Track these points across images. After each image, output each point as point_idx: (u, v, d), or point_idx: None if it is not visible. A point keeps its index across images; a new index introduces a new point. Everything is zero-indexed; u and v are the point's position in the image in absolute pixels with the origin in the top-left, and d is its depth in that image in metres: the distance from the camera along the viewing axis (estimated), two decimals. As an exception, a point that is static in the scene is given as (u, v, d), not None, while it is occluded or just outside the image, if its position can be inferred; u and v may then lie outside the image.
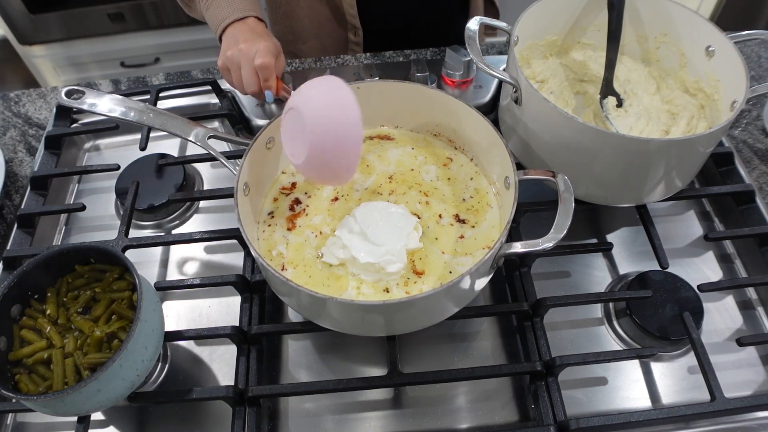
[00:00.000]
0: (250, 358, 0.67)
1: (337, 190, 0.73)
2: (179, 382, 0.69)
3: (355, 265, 0.64)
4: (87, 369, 0.58)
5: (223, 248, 0.80)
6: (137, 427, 0.67)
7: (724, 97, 0.72)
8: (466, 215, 0.69)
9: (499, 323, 0.72)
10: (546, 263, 0.75)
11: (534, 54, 0.83)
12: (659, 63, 0.82)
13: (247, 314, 0.70)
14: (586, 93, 0.80)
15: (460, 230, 0.68)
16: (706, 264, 0.77)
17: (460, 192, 0.72)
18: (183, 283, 0.72)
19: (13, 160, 0.91)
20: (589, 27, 0.83)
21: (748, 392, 0.66)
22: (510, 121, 0.76)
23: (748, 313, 0.73)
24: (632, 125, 0.75)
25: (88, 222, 0.85)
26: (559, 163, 0.70)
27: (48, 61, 1.91)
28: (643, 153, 0.65)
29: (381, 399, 0.67)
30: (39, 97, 0.99)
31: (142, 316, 0.57)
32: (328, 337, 0.71)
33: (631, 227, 0.80)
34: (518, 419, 0.65)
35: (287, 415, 0.66)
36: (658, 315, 0.69)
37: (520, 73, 0.69)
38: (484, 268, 0.58)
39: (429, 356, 0.69)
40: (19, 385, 0.58)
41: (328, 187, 0.73)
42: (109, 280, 0.64)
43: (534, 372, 0.64)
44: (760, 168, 0.84)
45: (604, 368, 0.68)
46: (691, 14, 0.75)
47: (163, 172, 0.85)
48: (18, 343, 0.61)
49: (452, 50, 0.87)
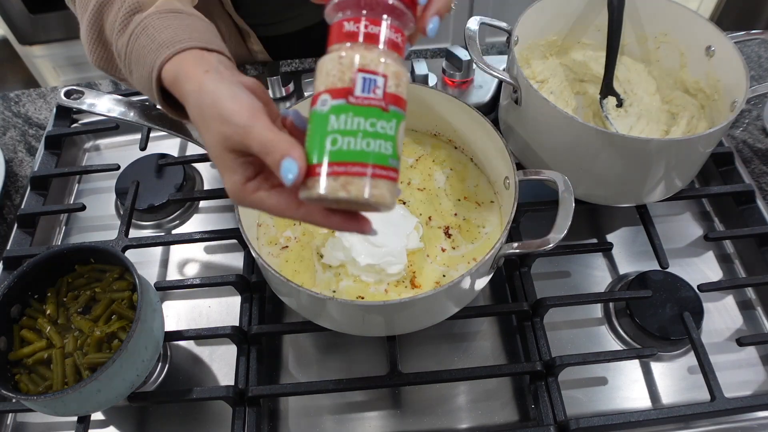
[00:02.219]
0: (250, 358, 0.67)
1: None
2: (179, 382, 0.69)
3: (355, 267, 0.64)
4: (87, 369, 0.58)
5: (223, 248, 0.80)
6: (137, 427, 0.67)
7: (724, 97, 0.72)
8: (463, 215, 0.69)
9: (499, 323, 0.72)
10: (546, 263, 0.75)
11: (534, 54, 0.83)
12: (659, 63, 0.82)
13: (247, 314, 0.70)
14: (586, 93, 0.80)
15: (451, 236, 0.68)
16: (706, 264, 0.77)
17: (460, 192, 0.72)
18: (183, 283, 0.72)
19: (13, 160, 0.91)
20: (589, 27, 0.83)
21: (748, 392, 0.66)
22: (510, 121, 0.76)
23: (747, 313, 0.73)
24: (632, 125, 0.75)
25: (88, 222, 0.85)
26: (559, 163, 0.70)
27: (48, 61, 1.91)
28: (643, 153, 0.65)
29: (381, 399, 0.67)
30: (39, 97, 0.99)
31: (142, 316, 0.57)
32: (328, 337, 0.71)
33: (631, 227, 0.80)
34: (518, 419, 0.65)
35: (287, 414, 0.66)
36: (658, 315, 0.69)
37: (520, 73, 0.69)
38: (484, 268, 0.58)
39: (429, 356, 0.69)
40: (19, 385, 0.58)
41: None
42: (109, 280, 0.64)
43: (534, 372, 0.64)
44: (760, 168, 0.84)
45: (604, 368, 0.68)
46: (691, 14, 0.75)
47: (163, 172, 0.85)
48: (18, 343, 0.61)
49: (452, 50, 0.87)
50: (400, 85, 0.39)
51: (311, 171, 0.38)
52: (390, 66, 0.38)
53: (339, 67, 0.38)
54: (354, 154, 0.37)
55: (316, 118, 0.39)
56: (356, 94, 0.38)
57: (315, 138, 0.38)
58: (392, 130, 0.38)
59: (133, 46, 0.50)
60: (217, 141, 0.41)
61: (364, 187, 0.37)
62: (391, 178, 0.39)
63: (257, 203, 0.42)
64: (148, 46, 0.48)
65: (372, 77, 0.38)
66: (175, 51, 0.46)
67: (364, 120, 0.37)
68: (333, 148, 0.37)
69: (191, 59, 0.46)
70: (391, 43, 0.39)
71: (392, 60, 0.39)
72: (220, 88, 0.42)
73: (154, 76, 0.47)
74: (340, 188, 0.37)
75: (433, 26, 0.42)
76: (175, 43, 0.47)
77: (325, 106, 0.38)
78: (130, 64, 0.51)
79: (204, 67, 0.45)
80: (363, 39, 0.39)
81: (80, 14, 0.55)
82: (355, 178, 0.37)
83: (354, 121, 0.37)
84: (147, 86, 0.49)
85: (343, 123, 0.37)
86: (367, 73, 0.38)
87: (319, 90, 0.39)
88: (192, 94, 0.44)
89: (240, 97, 0.41)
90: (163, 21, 0.49)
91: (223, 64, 0.46)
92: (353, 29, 0.39)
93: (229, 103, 0.41)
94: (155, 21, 0.49)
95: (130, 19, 0.51)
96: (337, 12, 0.40)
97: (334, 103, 0.38)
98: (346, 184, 0.37)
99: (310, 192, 0.38)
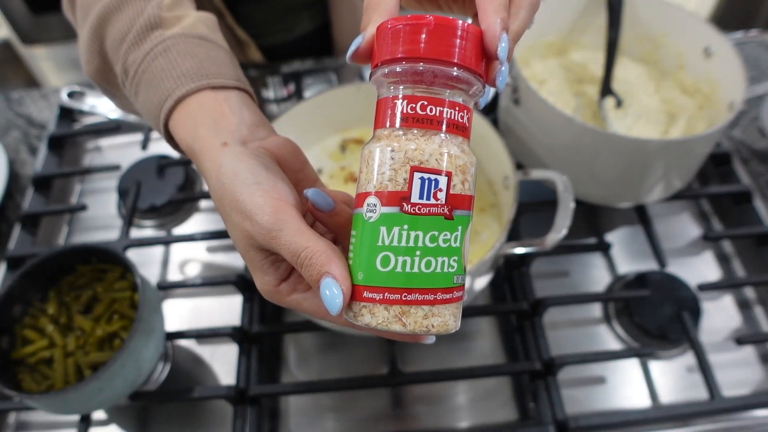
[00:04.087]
0: (251, 358, 0.67)
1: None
2: (181, 381, 0.69)
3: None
4: (89, 368, 0.59)
5: (224, 248, 0.80)
6: (139, 426, 0.67)
7: (722, 97, 0.72)
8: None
9: (499, 322, 0.72)
10: (545, 263, 0.76)
11: (533, 55, 0.83)
12: (658, 64, 0.82)
13: (248, 314, 0.70)
14: (585, 94, 0.81)
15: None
16: (704, 263, 0.77)
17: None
18: (184, 283, 0.73)
19: (16, 161, 0.92)
20: (589, 28, 0.83)
21: (746, 391, 0.67)
22: (509, 122, 0.77)
23: (746, 312, 0.73)
24: (631, 126, 0.76)
25: (90, 222, 0.86)
26: (559, 164, 0.70)
27: (50, 62, 1.91)
28: (642, 153, 0.65)
29: (381, 398, 0.67)
30: (41, 98, 0.99)
31: (143, 315, 0.57)
32: (328, 336, 0.71)
33: (629, 227, 0.80)
34: (518, 418, 0.65)
35: (288, 414, 0.67)
36: (656, 314, 0.69)
37: (519, 74, 0.69)
38: (484, 267, 0.58)
39: (429, 355, 0.70)
40: (21, 384, 0.59)
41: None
42: (111, 279, 0.64)
43: (533, 371, 0.64)
44: (758, 168, 0.84)
45: (603, 367, 0.68)
46: (689, 15, 0.76)
47: (164, 173, 0.86)
48: (20, 342, 0.61)
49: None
50: (466, 181, 0.31)
51: (357, 293, 0.31)
52: (454, 159, 0.31)
53: (390, 163, 0.30)
54: (410, 278, 0.30)
55: (362, 227, 0.31)
56: (413, 201, 0.30)
57: (362, 253, 0.31)
58: (457, 241, 0.31)
59: (149, 66, 0.43)
60: (241, 237, 0.35)
61: (422, 318, 0.31)
62: (455, 300, 0.32)
63: (294, 305, 0.36)
64: (168, 70, 0.42)
65: (432, 177, 0.30)
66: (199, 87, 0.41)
67: (423, 234, 0.30)
68: (384, 270, 0.30)
69: (206, 113, 0.40)
70: (454, 125, 0.31)
71: (457, 149, 0.31)
72: (240, 170, 0.35)
73: (168, 105, 0.41)
74: (394, 321, 0.31)
75: (502, 78, 0.32)
76: (200, 77, 0.41)
77: (374, 214, 0.31)
78: (139, 85, 0.44)
79: (222, 137, 0.38)
80: (420, 123, 0.31)
81: (80, 21, 0.51)
82: (412, 308, 0.31)
83: (410, 236, 0.30)
84: (154, 113, 0.43)
85: (396, 239, 0.30)
86: (425, 173, 0.30)
87: (366, 189, 0.31)
88: (211, 175, 0.37)
89: (263, 187, 0.34)
90: (190, 47, 0.43)
91: (245, 120, 0.40)
92: (408, 112, 0.31)
93: (249, 197, 0.34)
94: (180, 44, 0.43)
95: (148, 35, 0.44)
96: (387, 82, 0.32)
97: (385, 210, 0.31)
98: (401, 315, 0.31)
99: (356, 320, 0.32)
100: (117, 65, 0.46)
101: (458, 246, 0.31)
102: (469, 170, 0.32)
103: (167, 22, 0.45)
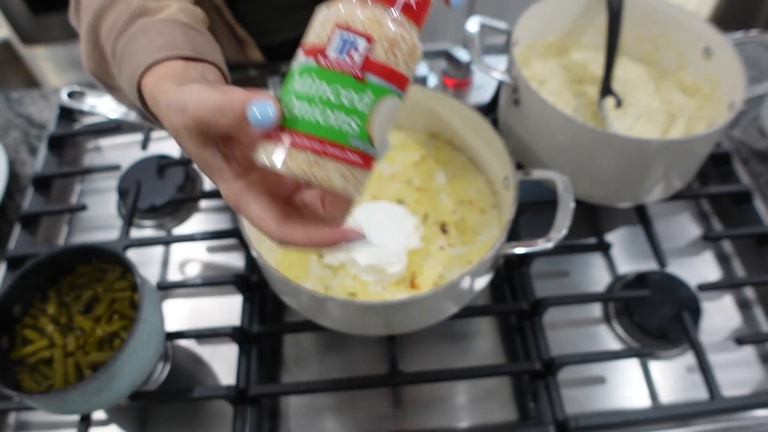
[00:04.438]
0: (251, 358, 0.67)
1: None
2: (181, 381, 0.69)
3: (356, 267, 0.64)
4: (89, 368, 0.59)
5: (224, 248, 0.80)
6: (139, 426, 0.67)
7: (722, 97, 0.72)
8: (462, 214, 0.70)
9: (499, 322, 0.72)
10: (545, 263, 0.76)
11: (533, 55, 0.83)
12: (658, 64, 0.82)
13: (248, 314, 0.70)
14: (585, 94, 0.81)
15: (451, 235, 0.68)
16: (704, 263, 0.77)
17: (459, 193, 0.72)
18: (184, 283, 0.73)
19: (16, 161, 0.92)
20: (589, 28, 0.83)
21: (746, 391, 0.67)
22: (509, 122, 0.77)
23: (746, 312, 0.73)
24: (631, 126, 0.76)
25: (90, 222, 0.86)
26: (559, 163, 0.70)
27: (50, 62, 1.91)
28: (642, 153, 0.65)
29: (381, 398, 0.67)
30: (41, 98, 0.99)
31: (144, 315, 0.57)
32: (328, 336, 0.71)
33: (629, 227, 0.80)
34: (518, 418, 0.65)
35: (288, 413, 0.67)
36: (656, 314, 0.69)
37: (519, 74, 0.69)
38: (484, 267, 0.58)
39: (429, 355, 0.70)
40: (21, 384, 0.59)
41: None
42: (111, 279, 0.64)
43: (533, 371, 0.64)
44: (758, 168, 0.84)
45: (603, 367, 0.68)
46: (689, 15, 0.76)
47: (164, 173, 0.86)
48: (20, 342, 0.61)
49: (452, 51, 0.88)
50: (393, 55, 0.32)
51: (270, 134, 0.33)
52: (384, 29, 0.31)
53: (322, 20, 0.32)
54: (306, 124, 0.32)
55: (287, 76, 0.34)
56: (327, 54, 0.31)
57: (281, 97, 0.33)
58: (364, 106, 0.32)
59: (129, 45, 0.48)
60: (187, 135, 0.37)
61: (305, 164, 0.32)
62: (347, 161, 0.32)
63: (243, 208, 0.37)
64: (144, 47, 0.46)
65: (351, 38, 0.31)
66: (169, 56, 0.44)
67: (327, 86, 0.31)
68: (288, 113, 0.32)
69: (172, 74, 0.43)
70: (409, 7, 0.32)
71: (392, 23, 0.32)
72: (183, 88, 0.39)
73: (139, 72, 0.45)
74: (280, 157, 0.32)
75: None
76: (173, 48, 0.45)
77: (296, 63, 0.33)
78: (122, 63, 0.48)
79: (180, 81, 0.42)
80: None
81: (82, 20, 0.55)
82: (300, 152, 0.32)
83: (315, 85, 0.31)
84: (130, 84, 0.46)
85: (302, 86, 0.32)
86: (346, 32, 0.31)
87: (302, 44, 0.34)
88: (162, 108, 0.40)
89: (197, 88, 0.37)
90: (169, 28, 0.48)
91: (208, 78, 0.44)
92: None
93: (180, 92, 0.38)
94: (160, 26, 0.48)
95: (133, 22, 0.49)
96: None
97: (303, 60, 0.32)
98: (287, 155, 0.32)
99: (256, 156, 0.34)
100: (109, 54, 0.51)
101: (364, 111, 0.32)
102: (400, 46, 0.32)
103: (151, 11, 0.50)
